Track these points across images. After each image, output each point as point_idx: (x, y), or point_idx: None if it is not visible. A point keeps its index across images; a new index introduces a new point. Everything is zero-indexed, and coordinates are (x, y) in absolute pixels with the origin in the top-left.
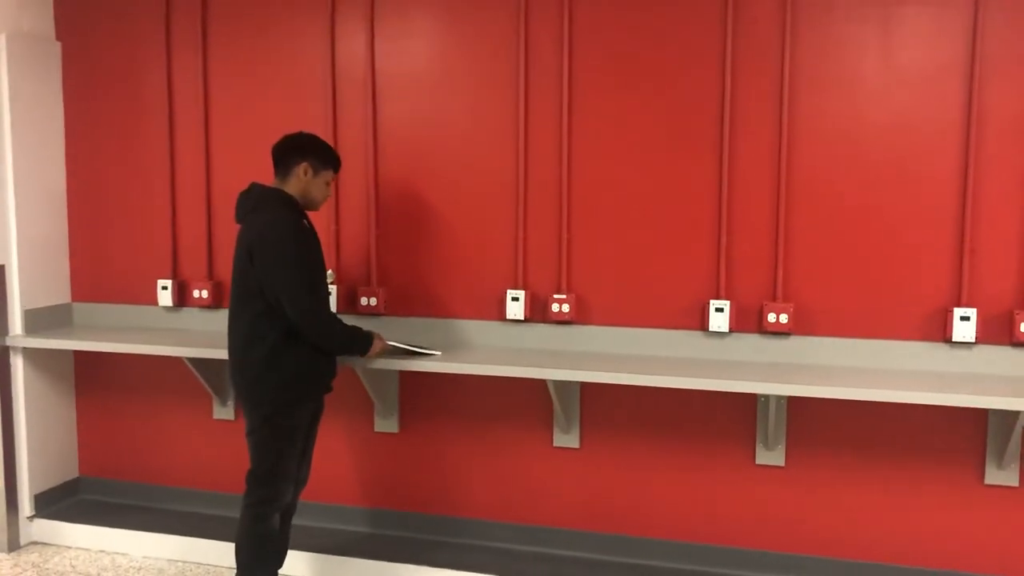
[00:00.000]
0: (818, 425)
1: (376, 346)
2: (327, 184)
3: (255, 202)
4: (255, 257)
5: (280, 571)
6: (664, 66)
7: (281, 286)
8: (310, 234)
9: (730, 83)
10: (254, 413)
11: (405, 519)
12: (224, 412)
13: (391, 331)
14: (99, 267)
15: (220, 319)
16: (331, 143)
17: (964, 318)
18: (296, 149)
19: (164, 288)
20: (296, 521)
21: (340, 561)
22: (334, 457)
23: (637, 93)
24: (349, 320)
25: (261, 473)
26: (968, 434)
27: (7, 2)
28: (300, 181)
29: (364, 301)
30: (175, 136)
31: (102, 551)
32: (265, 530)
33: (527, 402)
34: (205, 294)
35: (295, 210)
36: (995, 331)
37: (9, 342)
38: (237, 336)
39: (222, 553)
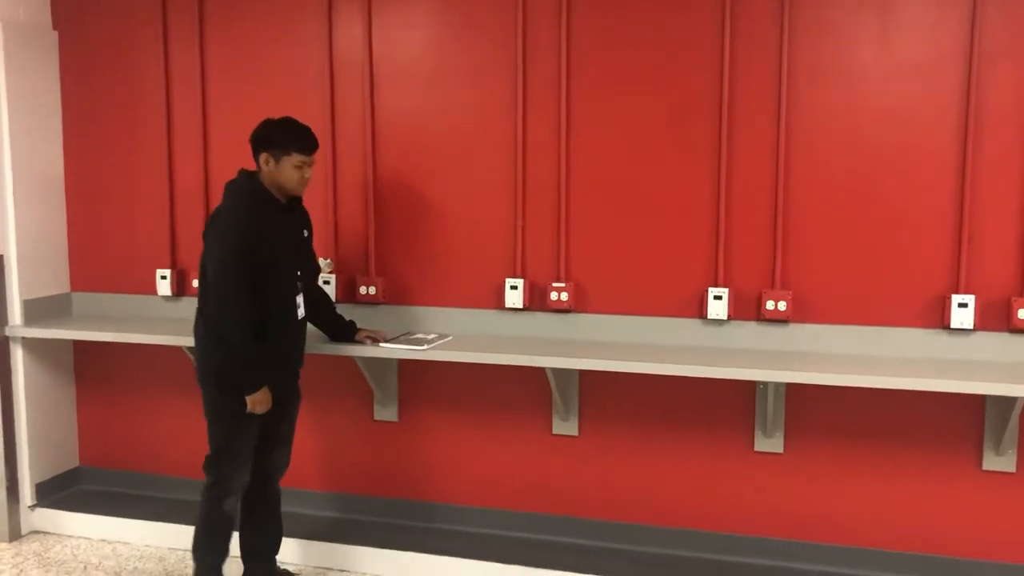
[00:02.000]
0: (817, 412)
1: (257, 398)
2: (297, 167)
3: (224, 191)
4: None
5: (277, 556)
6: (662, 54)
7: (211, 278)
8: (268, 229)
9: (728, 71)
10: (204, 395)
11: (404, 507)
12: None
13: (390, 320)
14: (98, 256)
15: None
16: (329, 132)
17: (962, 305)
18: (255, 141)
19: (163, 277)
20: (294, 509)
21: (339, 549)
22: (334, 445)
23: (635, 81)
24: (349, 310)
25: (211, 456)
26: (966, 420)
27: None
28: (265, 171)
29: (363, 290)
30: (173, 124)
31: (103, 540)
32: (217, 513)
33: (526, 390)
34: None
35: (258, 200)
36: (993, 318)
37: (8, 332)
38: (198, 322)
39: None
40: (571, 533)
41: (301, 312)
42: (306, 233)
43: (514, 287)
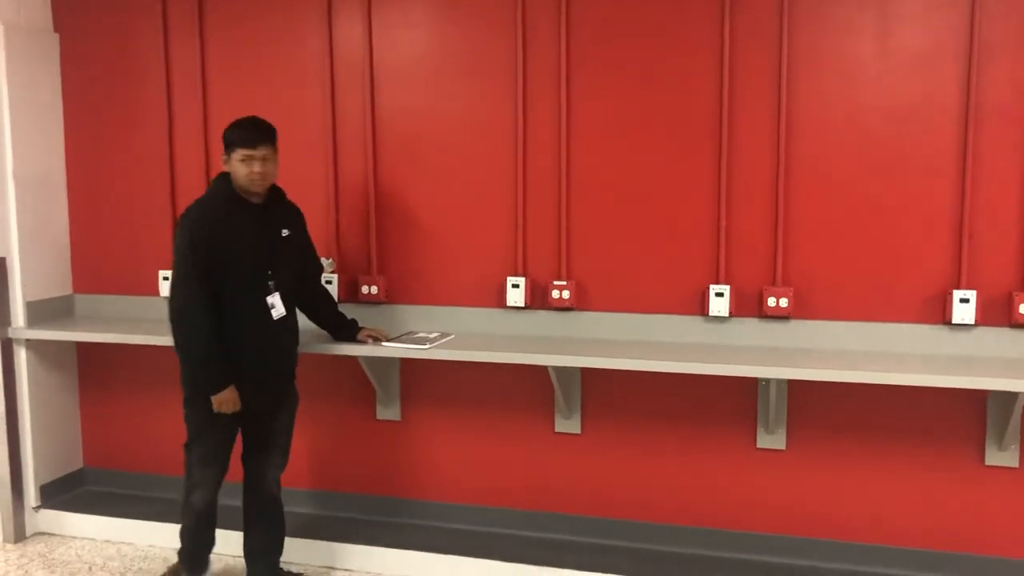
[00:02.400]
0: (819, 408)
1: (222, 397)
2: (242, 162)
3: None
4: None
5: (281, 559)
6: (663, 51)
7: (171, 280)
8: (226, 230)
9: (729, 68)
10: (183, 391)
11: (406, 506)
12: None
13: (392, 319)
14: (100, 258)
15: None
16: (330, 131)
17: (964, 300)
18: None
19: (166, 279)
20: (296, 508)
21: (342, 548)
22: (336, 444)
23: (635, 79)
24: (351, 309)
25: (185, 450)
26: (968, 416)
27: None
28: (229, 172)
29: (365, 289)
30: (174, 126)
31: (107, 541)
32: (185, 505)
33: (528, 388)
34: None
35: (219, 201)
36: (995, 313)
37: (12, 334)
38: None
39: (226, 541)
40: (574, 531)
41: (278, 312)
42: (286, 232)
43: (515, 285)
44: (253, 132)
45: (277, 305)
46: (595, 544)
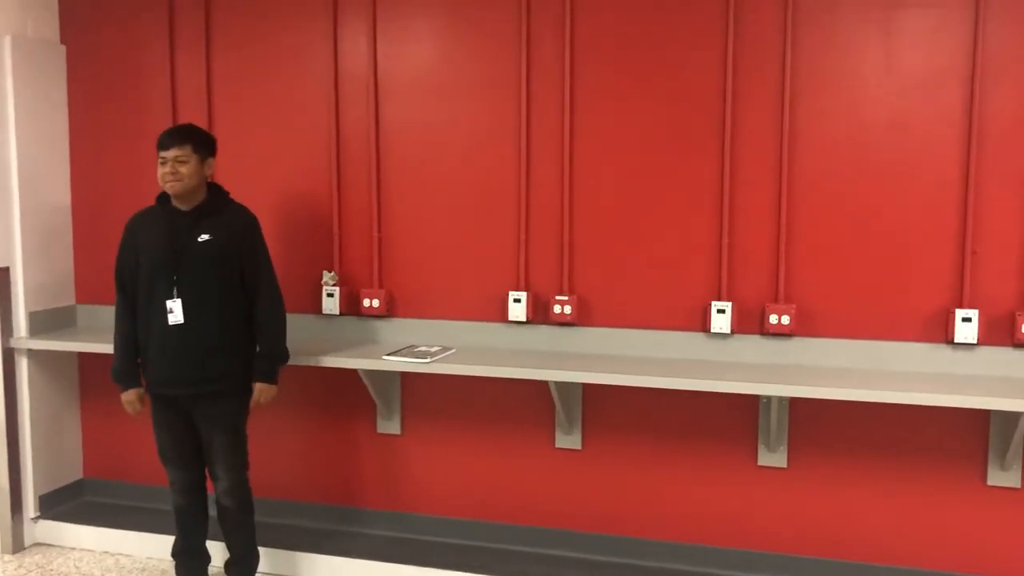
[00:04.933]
0: (820, 426)
1: (124, 398)
2: (159, 165)
3: None
4: None
5: (252, 572)
6: (665, 69)
7: None
8: (140, 235)
9: (732, 85)
10: None
11: (406, 520)
12: None
13: (393, 333)
14: (103, 269)
15: None
16: (334, 144)
17: (966, 319)
18: None
19: None
20: (298, 522)
21: (344, 563)
22: (336, 458)
23: (638, 96)
24: (353, 323)
25: None
26: (970, 435)
27: (12, 5)
28: None
29: (366, 303)
30: None
31: (106, 552)
32: (173, 502)
33: (529, 404)
34: None
35: (149, 208)
36: (997, 332)
37: (14, 344)
38: None
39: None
40: (574, 547)
41: (175, 319)
42: (204, 237)
43: (517, 300)
44: (164, 136)
45: (175, 311)
46: (594, 561)
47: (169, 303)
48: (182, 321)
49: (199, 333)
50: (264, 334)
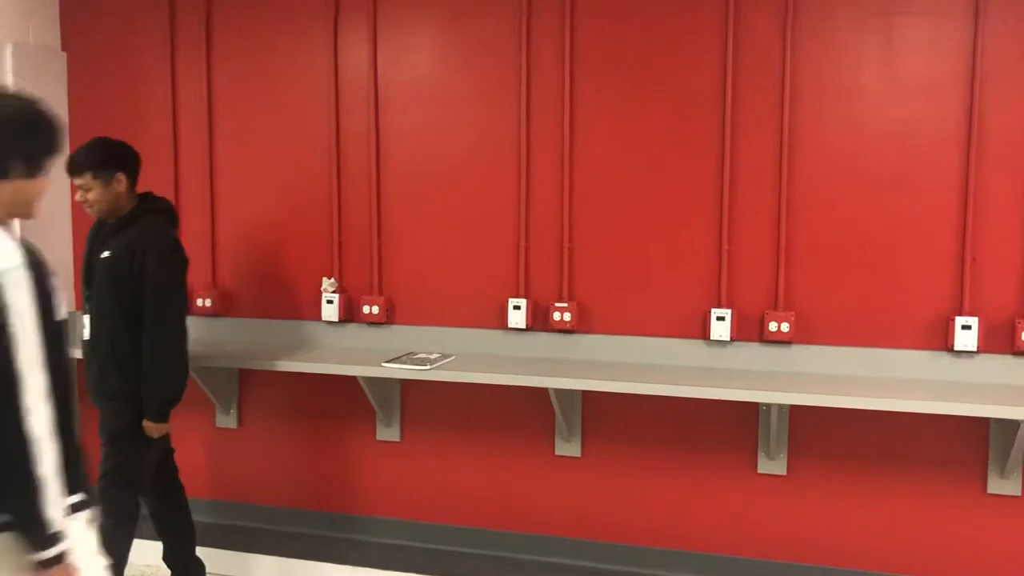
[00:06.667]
0: (820, 434)
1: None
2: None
3: None
4: None
5: None
6: (665, 77)
7: None
8: (86, 243)
9: (731, 93)
10: None
11: (405, 528)
12: (227, 420)
13: (393, 340)
14: None
15: (223, 327)
16: (334, 152)
17: (966, 327)
18: None
19: None
20: (295, 528)
21: (340, 570)
22: (336, 465)
23: (638, 103)
24: (352, 330)
25: None
26: (970, 443)
27: (13, 13)
28: None
29: (366, 310)
30: (179, 146)
31: None
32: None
33: (529, 411)
34: (209, 303)
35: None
36: (997, 340)
37: None
38: None
39: (225, 562)
40: (573, 555)
41: (86, 333)
42: (105, 253)
43: (517, 307)
44: (67, 162)
45: (86, 325)
46: (594, 568)
47: (84, 316)
48: (88, 337)
49: (99, 351)
50: (142, 371)
